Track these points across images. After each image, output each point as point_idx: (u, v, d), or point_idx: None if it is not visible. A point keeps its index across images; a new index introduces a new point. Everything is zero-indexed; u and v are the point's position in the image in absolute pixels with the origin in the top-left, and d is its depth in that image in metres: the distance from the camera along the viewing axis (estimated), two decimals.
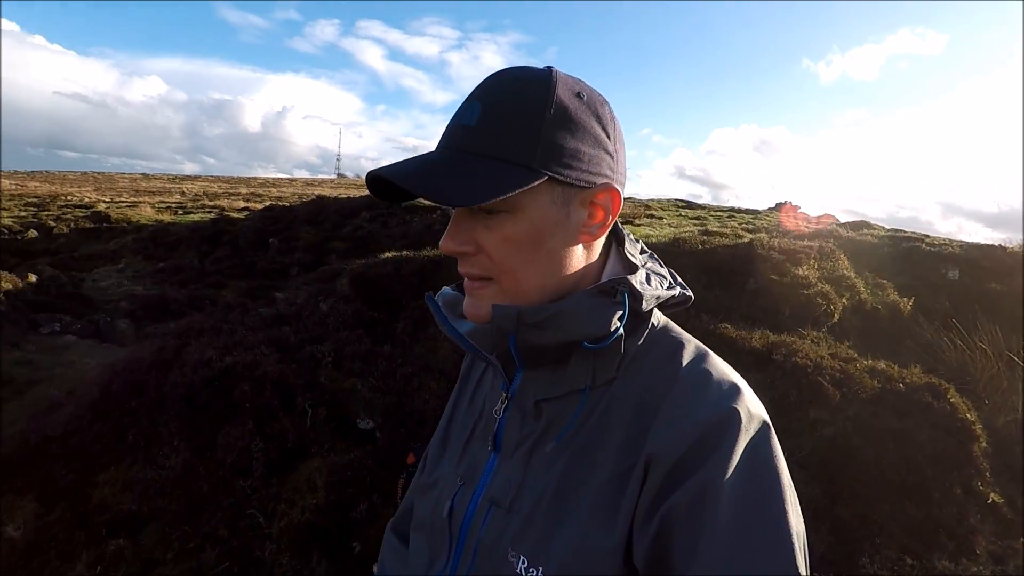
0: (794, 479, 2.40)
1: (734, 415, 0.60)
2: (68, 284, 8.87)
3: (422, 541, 0.81)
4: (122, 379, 3.95)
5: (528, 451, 0.71)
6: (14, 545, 2.99)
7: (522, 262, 0.68)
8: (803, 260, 5.00)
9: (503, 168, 0.64)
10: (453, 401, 0.93)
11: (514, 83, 0.66)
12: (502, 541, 0.67)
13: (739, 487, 0.57)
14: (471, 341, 0.74)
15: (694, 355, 0.69)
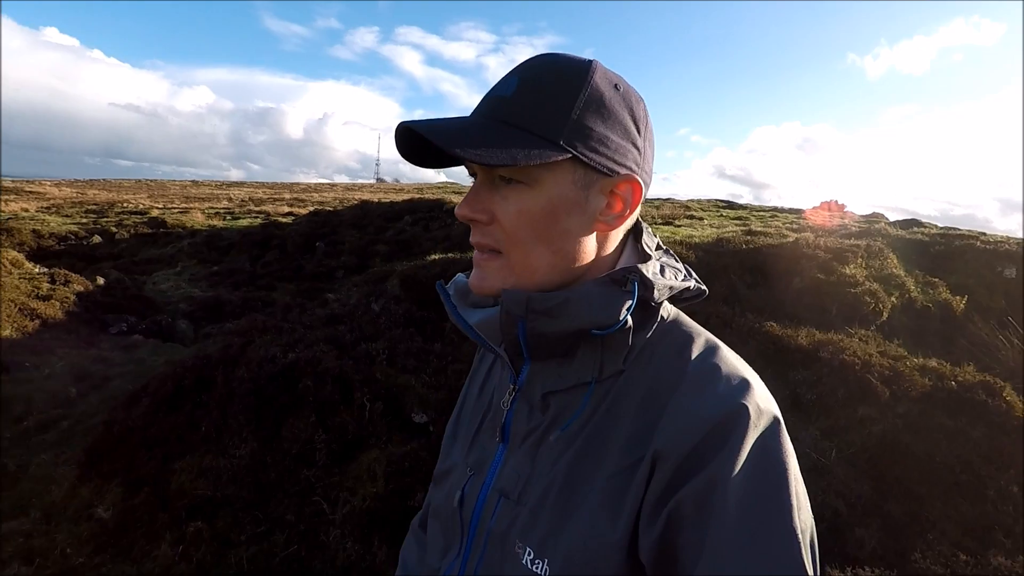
0: (842, 475, 2.50)
1: (743, 410, 0.59)
2: (132, 287, 9.38)
3: (437, 529, 0.83)
4: (193, 375, 4.22)
5: (535, 443, 0.71)
6: (104, 525, 3.25)
7: (533, 238, 0.67)
8: (850, 259, 4.97)
9: (531, 139, 0.64)
10: (464, 391, 0.94)
11: (555, 64, 0.67)
12: (511, 532, 0.68)
13: (747, 484, 0.56)
14: (479, 332, 0.74)
15: (704, 348, 0.68)
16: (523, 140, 0.63)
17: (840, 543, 3.05)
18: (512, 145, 0.63)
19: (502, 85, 0.67)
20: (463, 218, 0.69)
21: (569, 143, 0.65)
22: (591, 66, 0.67)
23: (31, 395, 4.72)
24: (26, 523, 3.28)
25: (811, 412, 3.69)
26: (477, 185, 0.69)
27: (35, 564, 2.97)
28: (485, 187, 0.69)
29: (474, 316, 0.76)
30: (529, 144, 0.63)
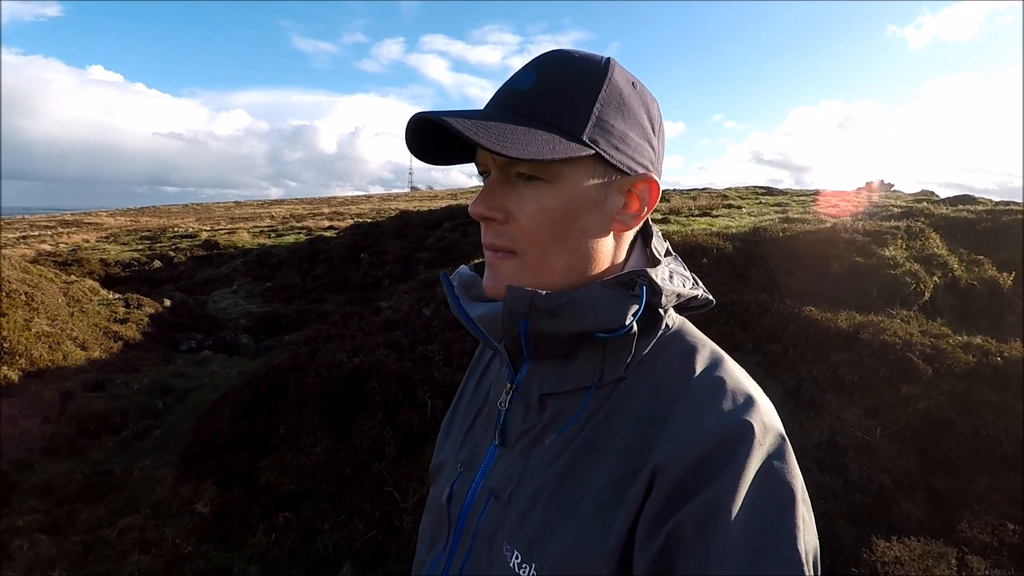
0: (887, 452, 2.74)
1: (747, 428, 0.58)
2: (195, 306, 9.99)
3: (428, 523, 0.83)
4: (267, 383, 4.60)
5: (529, 445, 0.70)
6: (205, 519, 3.63)
7: (551, 237, 0.66)
8: (889, 241, 5.02)
9: (553, 134, 0.63)
10: (462, 386, 0.92)
11: (573, 59, 0.66)
12: (499, 534, 0.67)
13: (751, 506, 0.54)
14: (480, 327, 0.73)
15: (708, 361, 0.66)
16: (545, 134, 0.62)
17: (886, 515, 3.18)
18: (536, 139, 0.61)
19: (519, 79, 0.66)
20: (478, 216, 0.67)
21: (591, 139, 0.64)
22: (610, 63, 0.67)
23: (126, 408, 5.20)
24: (138, 519, 3.68)
25: (853, 392, 3.82)
26: (491, 182, 0.67)
27: (151, 553, 3.36)
28: (500, 185, 0.67)
29: (476, 310, 0.74)
30: (552, 139, 0.62)
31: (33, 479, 4.18)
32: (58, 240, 21.31)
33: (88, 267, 13.47)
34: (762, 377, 3.99)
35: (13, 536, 3.52)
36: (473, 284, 0.77)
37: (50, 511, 3.88)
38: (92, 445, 4.85)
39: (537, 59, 0.67)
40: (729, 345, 4.30)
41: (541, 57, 0.67)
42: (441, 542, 0.76)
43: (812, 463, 3.49)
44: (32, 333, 5.86)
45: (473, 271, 0.79)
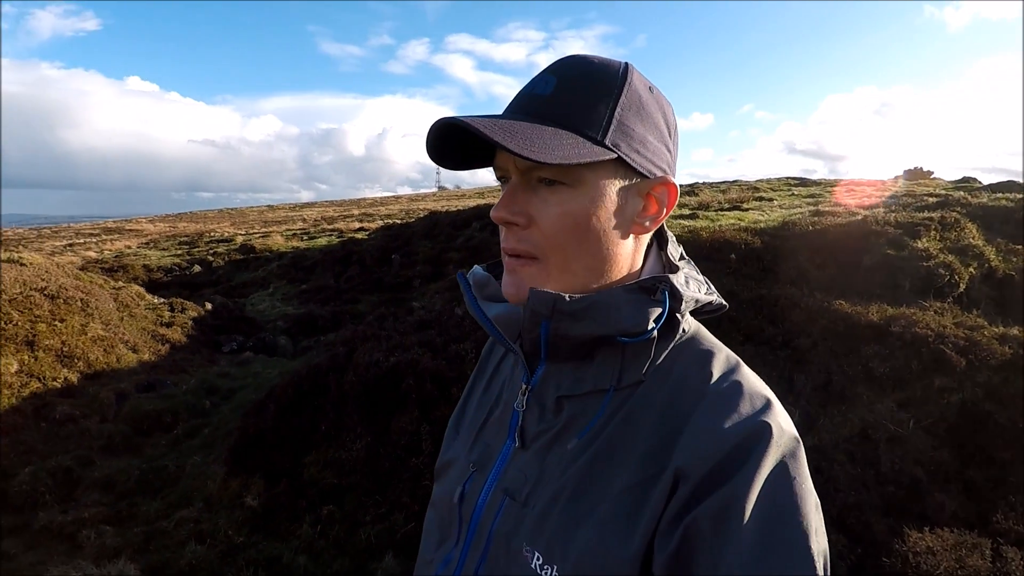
0: (920, 444, 2.81)
1: (765, 430, 0.59)
2: (235, 309, 10.34)
3: (434, 521, 0.82)
4: (309, 382, 4.80)
5: (546, 446, 0.69)
6: (254, 511, 3.83)
7: (574, 241, 0.66)
8: (923, 232, 4.97)
9: (576, 138, 0.63)
10: (470, 385, 0.91)
11: (591, 64, 0.67)
12: (517, 535, 0.66)
13: (763, 505, 0.56)
14: (496, 326, 0.73)
15: (724, 366, 0.67)
16: (569, 139, 0.63)
17: (919, 507, 3.20)
18: (561, 143, 0.62)
19: (538, 84, 0.66)
20: (500, 221, 0.67)
21: (613, 143, 0.65)
22: (628, 68, 0.67)
23: (176, 408, 5.47)
24: (193, 511, 3.91)
25: (885, 385, 3.82)
26: (512, 187, 0.67)
27: (207, 543, 3.57)
28: (522, 189, 0.67)
29: (493, 309, 0.74)
30: (576, 142, 0.63)
31: (95, 474, 4.45)
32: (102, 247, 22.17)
33: (133, 273, 14.02)
34: (791, 371, 4.02)
35: (81, 527, 3.77)
36: (487, 284, 0.78)
37: (112, 504, 4.13)
38: (146, 442, 5.12)
39: (556, 64, 0.67)
40: (758, 340, 4.34)
41: (560, 62, 0.67)
42: (451, 541, 0.76)
43: (843, 455, 3.52)
44: (88, 337, 6.20)
45: (486, 271, 0.80)
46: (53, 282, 6.80)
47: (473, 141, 0.67)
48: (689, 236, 5.44)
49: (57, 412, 5.17)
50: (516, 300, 0.68)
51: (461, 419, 0.88)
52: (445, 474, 0.83)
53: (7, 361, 5.38)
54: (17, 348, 5.62)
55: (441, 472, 0.85)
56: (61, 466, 4.46)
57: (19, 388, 5.29)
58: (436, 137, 0.66)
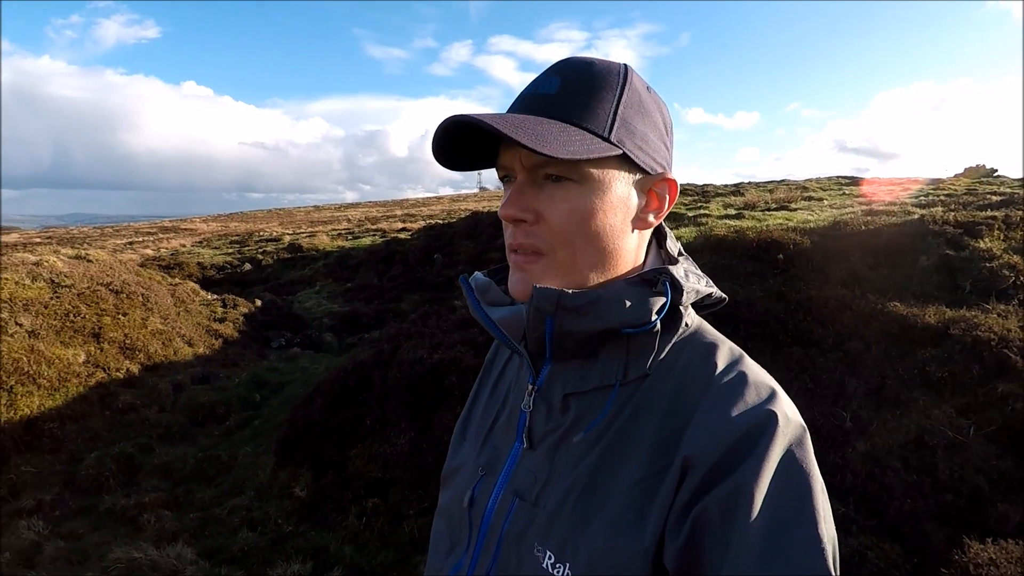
0: (982, 452, 2.71)
1: (772, 419, 0.60)
2: (283, 306, 10.66)
3: (443, 527, 0.82)
4: (355, 377, 4.92)
5: (554, 445, 0.70)
6: (302, 501, 3.96)
7: (582, 236, 0.67)
8: (985, 232, 4.75)
9: (584, 134, 0.64)
10: (475, 389, 0.91)
11: (592, 64, 0.68)
12: (528, 535, 0.67)
13: (772, 491, 0.56)
14: (502, 329, 0.73)
15: (728, 358, 0.68)
16: (577, 135, 0.64)
17: (980, 517, 3.06)
18: (570, 139, 0.63)
19: (542, 84, 0.68)
20: (509, 218, 0.68)
21: (618, 139, 0.66)
22: (627, 68, 0.69)
23: (229, 400, 5.70)
24: (244, 500, 4.06)
25: (943, 390, 3.67)
26: (519, 185, 0.68)
27: (258, 531, 3.71)
28: (529, 187, 0.67)
29: (496, 312, 0.75)
30: (584, 139, 0.64)
31: (154, 461, 4.68)
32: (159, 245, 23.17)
33: (188, 270, 14.62)
34: (842, 374, 3.90)
35: (142, 511, 3.97)
36: (488, 289, 0.78)
37: (170, 490, 4.34)
38: (201, 432, 5.35)
39: (557, 65, 0.68)
40: (807, 342, 4.23)
41: (562, 63, 0.68)
42: (462, 547, 0.75)
43: (898, 462, 3.39)
44: (148, 331, 6.51)
45: (487, 276, 0.80)
46: (117, 278, 7.16)
47: (477, 141, 0.68)
48: (735, 236, 5.34)
49: (120, 401, 5.44)
50: (524, 297, 0.69)
51: (467, 424, 0.88)
52: (453, 480, 0.83)
53: (75, 352, 5.70)
54: (85, 340, 5.95)
55: (448, 479, 0.85)
56: (124, 452, 4.70)
57: (86, 378, 5.59)
58: (443, 136, 0.66)
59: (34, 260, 7.04)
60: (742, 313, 4.27)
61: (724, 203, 11.07)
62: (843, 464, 3.45)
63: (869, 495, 3.27)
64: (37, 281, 6.40)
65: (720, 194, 13.61)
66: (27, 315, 5.91)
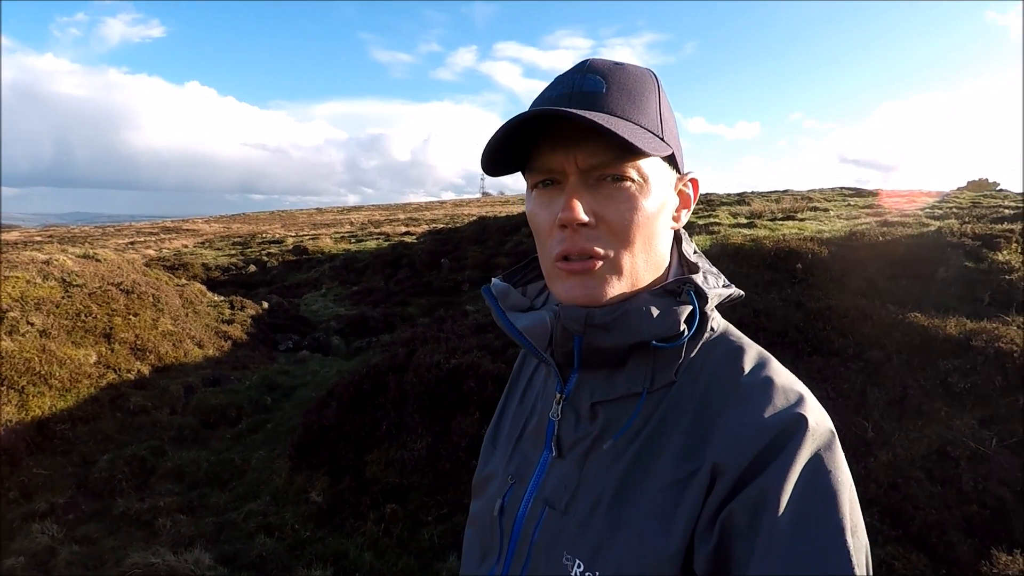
0: (1005, 464, 2.69)
1: (801, 422, 0.59)
2: (291, 308, 10.64)
3: (474, 537, 0.82)
4: (370, 381, 4.90)
5: (583, 453, 0.69)
6: (319, 507, 3.93)
7: (642, 238, 0.66)
8: (1002, 245, 4.75)
9: (647, 133, 0.64)
10: (504, 397, 0.91)
11: (624, 65, 0.68)
12: (557, 544, 0.66)
13: (797, 497, 0.55)
14: (527, 337, 0.71)
15: (755, 361, 0.67)
16: (643, 133, 0.63)
17: (1007, 529, 3.05)
18: (644, 138, 0.62)
19: (587, 82, 0.65)
20: (572, 223, 0.64)
21: (668, 139, 0.67)
22: (653, 71, 0.70)
23: (240, 403, 5.67)
24: (260, 505, 4.04)
25: (964, 401, 3.66)
26: (575, 188, 0.65)
27: (275, 536, 3.68)
28: (584, 189, 0.65)
29: (521, 321, 0.73)
30: (651, 138, 0.64)
31: (168, 464, 4.65)
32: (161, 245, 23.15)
33: (192, 271, 14.60)
34: (863, 384, 3.89)
35: (157, 515, 3.94)
36: (508, 294, 0.77)
37: (184, 493, 4.31)
38: (213, 435, 5.32)
39: (591, 64, 0.67)
40: (827, 352, 4.22)
41: (595, 63, 0.67)
42: (494, 555, 0.75)
43: (921, 472, 3.38)
44: (159, 332, 6.49)
45: (504, 281, 0.79)
46: (127, 278, 7.15)
47: (511, 144, 0.66)
48: (751, 245, 5.34)
49: (131, 403, 5.42)
50: (585, 303, 0.66)
51: (497, 433, 0.87)
52: (484, 489, 0.82)
53: (87, 352, 5.68)
54: (96, 340, 5.93)
55: (479, 487, 0.84)
56: (136, 455, 4.68)
57: (97, 378, 5.57)
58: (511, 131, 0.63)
59: (44, 259, 7.02)
60: (761, 322, 4.26)
61: (731, 212, 11.08)
62: (866, 474, 3.44)
63: (893, 505, 3.26)
64: (48, 280, 6.38)
65: (725, 203, 13.63)
66: (39, 314, 5.89)
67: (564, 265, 0.66)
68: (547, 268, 0.70)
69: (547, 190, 0.68)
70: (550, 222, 0.67)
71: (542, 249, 0.70)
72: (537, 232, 0.70)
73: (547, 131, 0.65)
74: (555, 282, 0.69)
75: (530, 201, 0.71)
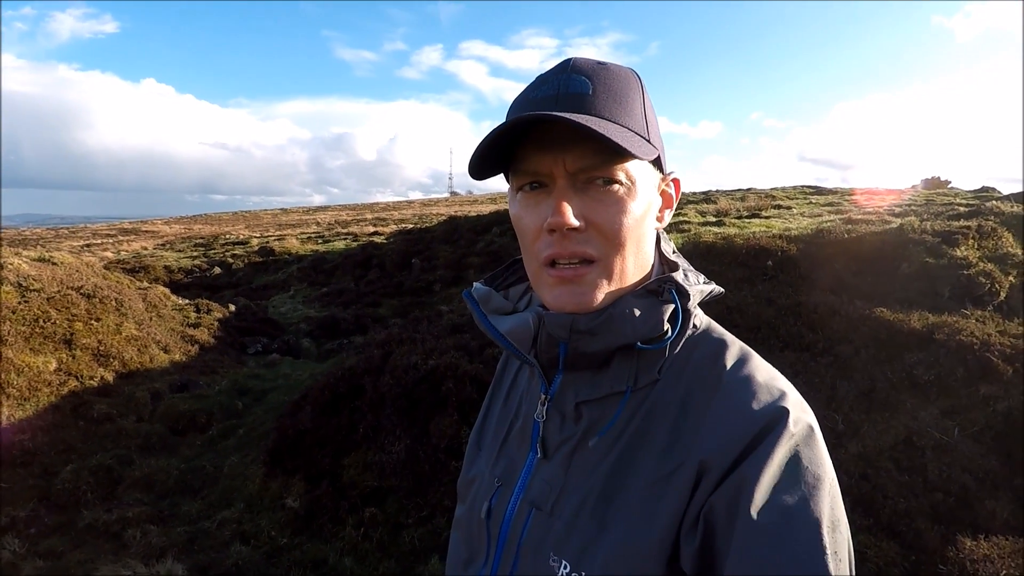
0: (968, 452, 2.80)
1: (782, 418, 0.59)
2: (259, 311, 10.42)
3: (460, 541, 0.81)
4: (345, 383, 4.83)
5: (568, 454, 0.69)
6: (296, 513, 3.86)
7: (631, 240, 0.66)
8: (960, 241, 4.94)
9: (635, 135, 0.64)
10: (488, 399, 0.90)
11: (607, 65, 0.67)
12: (544, 545, 0.66)
13: (777, 491, 0.56)
14: (511, 340, 0.71)
15: (737, 357, 0.67)
16: (632, 136, 0.63)
17: (970, 515, 3.17)
18: (633, 141, 0.62)
19: (570, 83, 0.64)
20: (562, 227, 0.63)
21: (652, 141, 0.66)
22: (636, 71, 0.69)
23: (210, 408, 5.53)
24: (234, 512, 3.94)
25: (929, 392, 3.80)
26: (563, 192, 0.64)
27: (250, 544, 3.60)
28: (573, 192, 0.64)
29: (504, 324, 0.72)
30: (639, 140, 0.64)
31: (135, 473, 4.50)
32: (119, 248, 22.41)
33: (154, 273, 14.17)
34: (833, 378, 4.00)
35: (126, 526, 3.81)
36: (490, 298, 0.76)
37: (154, 503, 4.18)
38: (182, 442, 5.17)
39: (574, 64, 0.66)
40: (798, 347, 4.32)
41: (579, 62, 0.66)
42: (480, 558, 0.75)
43: (889, 462, 3.50)
44: (123, 337, 6.27)
45: (485, 285, 0.78)
46: (87, 281, 6.89)
47: (502, 148, 0.65)
48: (723, 243, 5.44)
49: (95, 411, 5.23)
50: (575, 310, 0.66)
51: (482, 435, 0.87)
52: (469, 491, 0.82)
53: (46, 359, 5.46)
54: (56, 346, 5.70)
55: (465, 490, 0.84)
56: (102, 464, 4.52)
57: (58, 386, 5.36)
58: (499, 137, 0.63)
59: None
60: (735, 319, 4.34)
61: (698, 210, 11.27)
62: (837, 466, 3.46)
63: (864, 495, 3.36)
64: (3, 285, 6.11)
65: (692, 201, 13.85)
66: None
67: (554, 272, 0.66)
68: (533, 272, 0.69)
69: (534, 193, 0.66)
70: (538, 226, 0.66)
71: (528, 253, 0.69)
72: (523, 236, 0.69)
73: (534, 134, 0.64)
74: (543, 288, 0.68)
75: (515, 204, 0.69)
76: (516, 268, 0.80)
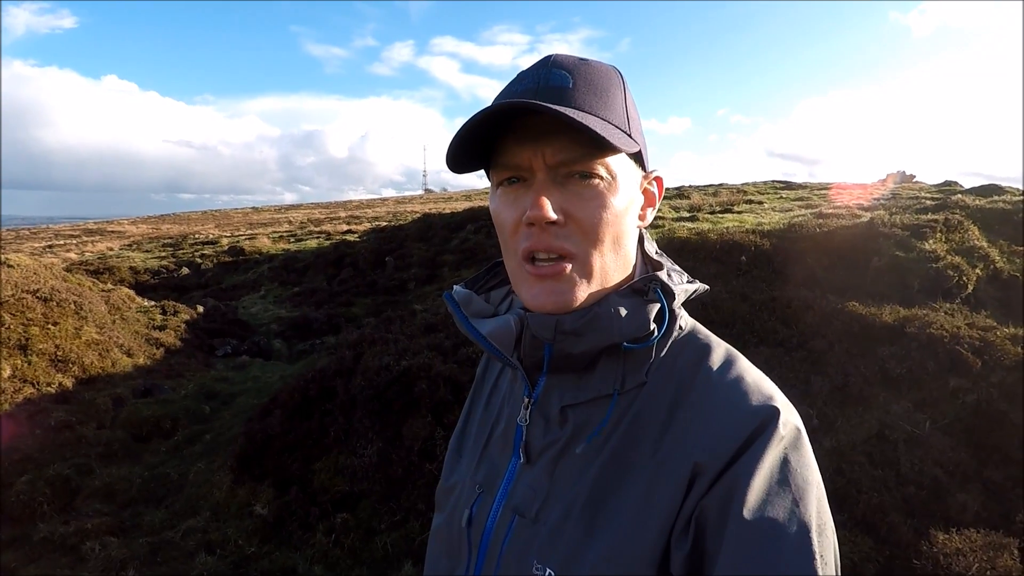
0: (939, 445, 2.78)
1: (771, 421, 0.59)
2: (228, 312, 10.16)
3: (439, 549, 0.79)
4: (316, 386, 4.70)
5: (553, 459, 0.67)
6: (265, 520, 3.73)
7: (610, 236, 0.64)
8: (928, 234, 5.01)
9: (616, 129, 0.63)
10: (469, 403, 0.89)
11: (588, 61, 0.67)
12: (528, 553, 0.64)
13: (766, 494, 0.56)
14: (492, 343, 0.68)
15: (724, 359, 0.66)
16: (612, 129, 0.62)
17: (942, 508, 3.20)
18: (613, 134, 0.61)
19: (551, 77, 0.63)
20: (541, 220, 0.62)
21: (634, 136, 0.65)
22: (618, 68, 0.68)
23: (175, 413, 5.34)
24: (200, 521, 3.80)
25: (901, 386, 3.83)
26: (544, 185, 0.62)
27: (217, 554, 3.46)
28: (553, 186, 0.63)
29: (485, 326, 0.70)
30: (620, 134, 0.63)
31: (95, 483, 4.32)
32: (83, 249, 21.73)
33: (119, 275, 13.74)
34: (808, 372, 4.02)
35: (84, 538, 3.64)
36: (470, 301, 0.74)
37: (115, 513, 4.01)
38: (146, 449, 4.99)
39: (555, 60, 0.65)
40: (772, 342, 4.33)
41: (560, 58, 0.66)
42: (461, 568, 0.73)
43: (863, 456, 3.51)
44: (82, 341, 6.03)
45: (466, 288, 0.77)
46: (45, 284, 6.62)
47: (475, 140, 0.64)
48: (697, 238, 5.44)
49: (52, 418, 5.01)
50: (554, 309, 0.64)
51: (463, 440, 0.84)
52: (449, 500, 0.80)
53: None
54: (10, 352, 5.45)
55: (444, 498, 0.81)
56: (59, 474, 4.32)
57: (12, 394, 5.13)
58: (475, 128, 0.62)
59: None
60: (710, 314, 4.33)
61: (672, 205, 11.32)
62: None
63: (838, 490, 3.37)
64: None
65: (665, 197, 13.94)
66: None
67: (533, 269, 0.64)
68: (512, 269, 0.68)
69: (513, 187, 0.65)
70: (516, 220, 0.64)
71: (507, 248, 0.67)
72: (502, 230, 0.67)
73: (514, 126, 0.63)
74: (521, 286, 0.67)
75: (495, 199, 0.68)
76: (497, 271, 0.79)
